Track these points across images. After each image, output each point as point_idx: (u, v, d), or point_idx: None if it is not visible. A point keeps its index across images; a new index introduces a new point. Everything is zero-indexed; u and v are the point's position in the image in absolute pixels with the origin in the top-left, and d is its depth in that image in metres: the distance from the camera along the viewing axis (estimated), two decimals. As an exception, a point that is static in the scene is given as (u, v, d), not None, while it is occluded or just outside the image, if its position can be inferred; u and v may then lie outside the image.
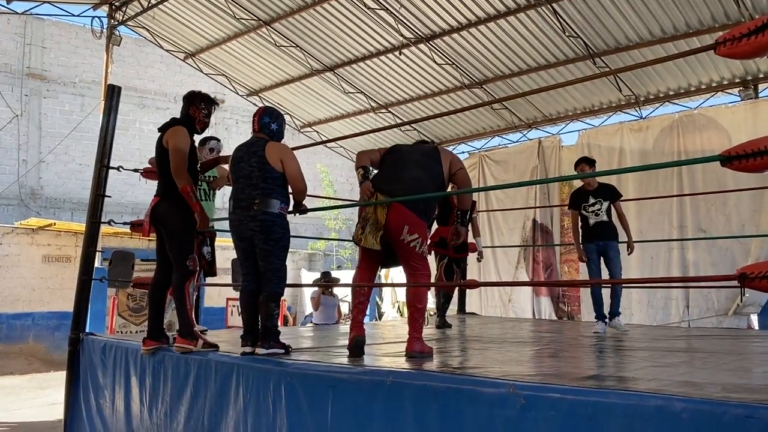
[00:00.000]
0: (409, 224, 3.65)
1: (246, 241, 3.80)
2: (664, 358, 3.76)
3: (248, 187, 3.80)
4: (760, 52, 2.46)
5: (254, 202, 3.74)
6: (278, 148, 3.87)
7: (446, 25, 9.51)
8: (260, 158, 3.80)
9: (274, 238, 3.76)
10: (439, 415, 2.67)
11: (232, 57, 11.85)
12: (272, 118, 4.02)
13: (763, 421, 1.95)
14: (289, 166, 3.84)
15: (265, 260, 3.76)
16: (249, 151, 3.87)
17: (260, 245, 3.75)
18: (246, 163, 3.84)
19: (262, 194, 3.75)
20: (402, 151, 4.02)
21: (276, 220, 3.76)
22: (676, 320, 9.37)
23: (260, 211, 3.73)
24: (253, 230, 3.74)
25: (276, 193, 3.79)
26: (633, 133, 9.93)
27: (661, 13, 8.21)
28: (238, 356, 3.71)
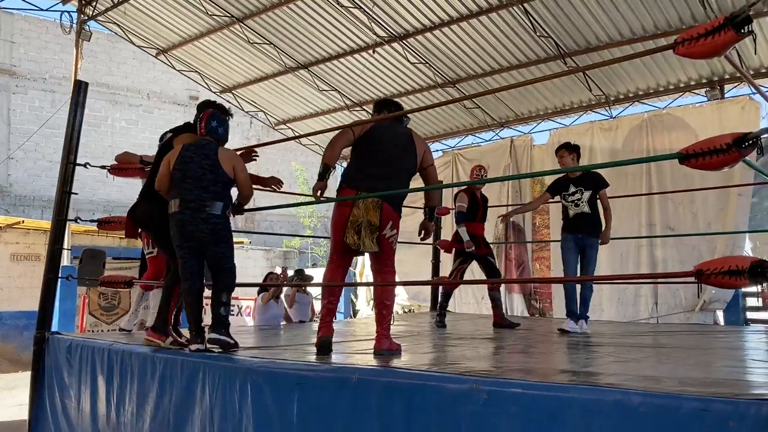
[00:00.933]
0: (392, 220, 3.74)
1: (194, 242, 3.85)
2: (628, 353, 3.82)
3: (198, 188, 3.85)
4: (717, 52, 2.51)
5: (206, 204, 3.83)
6: (231, 155, 4.02)
7: (419, 24, 9.53)
8: (213, 161, 3.90)
9: (224, 240, 3.90)
10: (403, 412, 2.68)
11: (205, 54, 11.73)
12: (219, 122, 4.08)
13: (717, 414, 1.99)
14: (241, 175, 3.99)
15: (219, 263, 3.89)
16: (200, 153, 3.92)
17: (212, 248, 3.86)
18: (196, 165, 3.89)
19: (213, 198, 3.85)
20: (383, 140, 3.92)
21: (224, 224, 3.91)
22: (645, 317, 9.53)
23: (213, 215, 3.84)
24: (204, 233, 3.82)
25: (224, 196, 3.92)
26: (603, 133, 10.06)
27: (630, 15, 8.34)
28: (204, 355, 3.69)
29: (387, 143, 3.89)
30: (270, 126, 13.81)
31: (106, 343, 4.45)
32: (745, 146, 2.40)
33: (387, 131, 3.97)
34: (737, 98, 9.14)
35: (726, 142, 2.43)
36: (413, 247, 10.98)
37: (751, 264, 2.23)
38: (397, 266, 10.11)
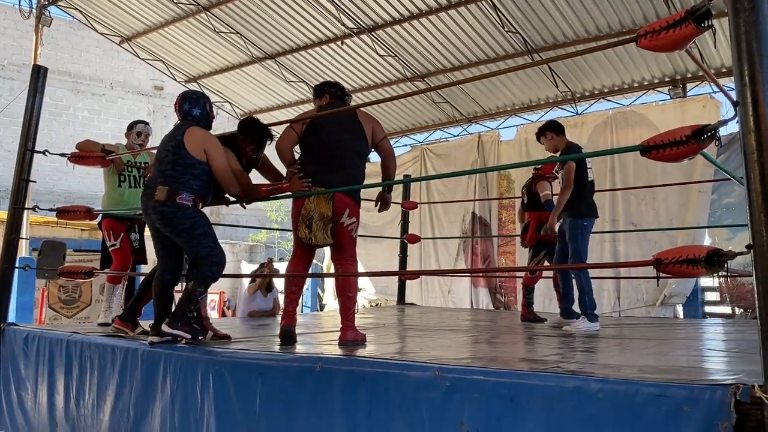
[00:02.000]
0: (349, 208, 3.71)
1: (157, 231, 3.65)
2: (589, 343, 3.88)
3: (157, 172, 3.63)
4: (678, 45, 2.54)
5: (155, 191, 3.54)
6: (201, 135, 3.65)
7: (388, 17, 9.51)
8: (178, 142, 3.59)
9: (182, 229, 3.54)
10: (366, 400, 2.67)
11: (170, 42, 11.54)
12: (191, 103, 3.80)
13: (672, 399, 2.03)
14: (215, 159, 3.60)
15: (188, 251, 3.64)
16: (170, 135, 3.72)
17: (175, 238, 3.59)
18: (163, 146, 3.69)
19: (164, 183, 3.54)
20: (323, 129, 3.85)
21: (177, 212, 3.53)
22: (608, 310, 9.70)
23: (159, 203, 3.53)
24: (156, 223, 3.59)
25: (181, 182, 3.54)
26: (569, 129, 10.04)
27: (596, 12, 8.45)
28: (167, 346, 3.63)
29: (328, 131, 3.83)
30: (236, 117, 13.65)
31: (65, 334, 4.35)
32: (703, 138, 2.45)
33: (327, 119, 3.88)
34: (699, 97, 9.34)
35: (685, 134, 2.47)
36: (381, 241, 11.03)
37: (707, 253, 2.27)
38: (365, 260, 10.26)
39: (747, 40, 2.04)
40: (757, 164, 1.97)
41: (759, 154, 1.97)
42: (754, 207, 1.95)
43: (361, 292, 13.31)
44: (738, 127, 2.11)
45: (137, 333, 4.13)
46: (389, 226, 11.34)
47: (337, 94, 4.09)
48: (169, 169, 3.58)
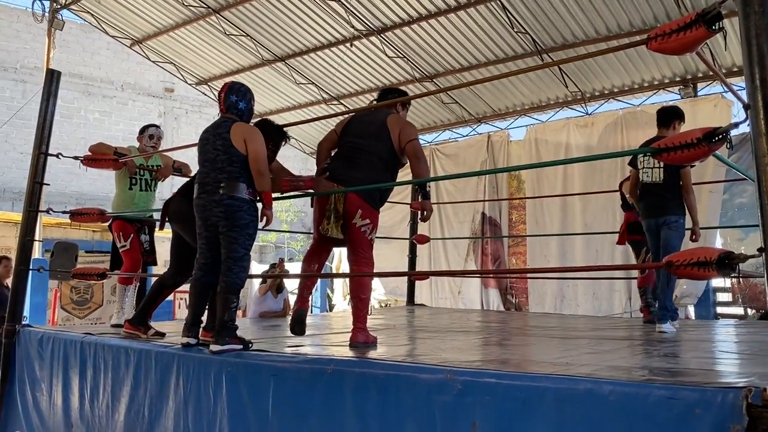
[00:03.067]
0: (361, 209, 3.74)
1: (210, 229, 3.60)
2: (600, 345, 3.88)
3: (214, 171, 3.60)
4: (689, 48, 2.55)
5: (220, 185, 3.55)
6: (243, 128, 3.67)
7: (397, 18, 9.53)
8: (225, 140, 3.61)
9: (240, 224, 3.54)
10: (378, 402, 2.69)
11: (181, 45, 11.61)
12: (239, 96, 3.80)
13: (683, 402, 2.04)
14: (252, 146, 3.60)
15: (228, 248, 3.54)
16: (215, 133, 3.69)
17: (225, 232, 3.54)
18: (211, 146, 3.66)
19: (228, 178, 3.55)
20: (350, 132, 3.99)
21: (243, 206, 3.55)
22: (620, 311, 9.67)
23: (226, 195, 3.52)
24: (218, 216, 3.54)
25: (243, 177, 3.59)
26: (579, 129, 10.16)
27: (606, 12, 8.43)
28: (179, 347, 3.66)
29: (354, 134, 3.96)
30: (247, 119, 13.71)
31: (79, 335, 4.40)
32: (714, 141, 2.45)
33: (358, 121, 4.04)
34: (710, 96, 9.29)
35: (697, 137, 2.48)
36: (391, 242, 11.04)
37: (718, 255, 2.28)
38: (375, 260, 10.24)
39: (758, 43, 2.05)
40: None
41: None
42: (765, 210, 1.96)
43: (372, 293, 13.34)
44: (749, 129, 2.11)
45: (151, 335, 4.19)
46: (399, 226, 11.36)
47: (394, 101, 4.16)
48: (228, 166, 3.58)
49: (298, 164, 19.77)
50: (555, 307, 10.19)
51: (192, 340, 3.66)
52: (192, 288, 3.75)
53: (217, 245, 3.61)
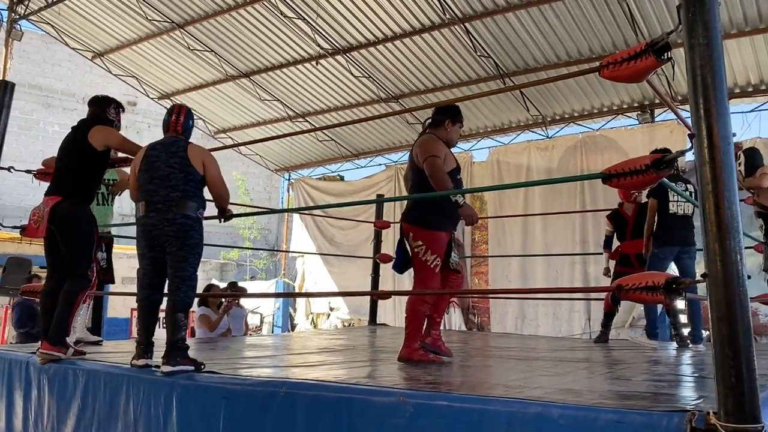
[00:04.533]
0: (412, 231, 3.92)
1: (158, 249, 3.53)
2: (556, 367, 3.90)
3: (165, 188, 3.53)
4: (639, 76, 2.61)
5: (173, 204, 3.50)
6: (200, 150, 3.70)
7: (363, 38, 9.60)
8: (182, 159, 3.58)
9: (190, 243, 3.52)
10: (331, 425, 2.65)
11: (144, 59, 11.48)
12: (193, 121, 3.92)
13: (632, 426, 2.05)
14: (212, 170, 3.67)
15: (176, 267, 3.49)
16: (168, 151, 3.63)
17: (175, 251, 3.48)
18: (164, 163, 3.59)
19: (182, 197, 3.52)
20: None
21: (195, 225, 3.55)
22: (579, 332, 9.79)
23: (180, 214, 3.49)
24: (169, 235, 3.48)
25: (196, 196, 3.60)
26: (539, 152, 10.35)
27: (567, 38, 8.63)
28: (129, 368, 3.56)
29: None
30: (209, 134, 13.59)
31: (24, 355, 4.25)
32: (662, 168, 2.51)
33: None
34: (666, 122, 9.57)
35: (645, 164, 2.54)
36: (355, 261, 11.01)
37: (666, 280, 2.32)
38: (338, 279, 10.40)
39: (702, 74, 2.10)
40: (712, 195, 2.02)
41: (714, 185, 2.02)
42: (709, 237, 2.00)
43: (335, 312, 13.26)
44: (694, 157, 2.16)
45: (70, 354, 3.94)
46: (363, 245, 11.35)
47: (433, 120, 4.23)
48: (183, 184, 3.55)
49: (263, 180, 19.66)
50: (516, 327, 10.28)
51: (150, 362, 3.54)
52: (142, 309, 3.66)
53: (162, 264, 3.54)
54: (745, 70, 8.68)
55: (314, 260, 13.47)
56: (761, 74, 8.72)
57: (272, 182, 19.61)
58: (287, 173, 14.58)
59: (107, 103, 4.41)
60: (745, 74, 8.76)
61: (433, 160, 3.82)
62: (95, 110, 4.37)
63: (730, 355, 1.91)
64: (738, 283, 1.94)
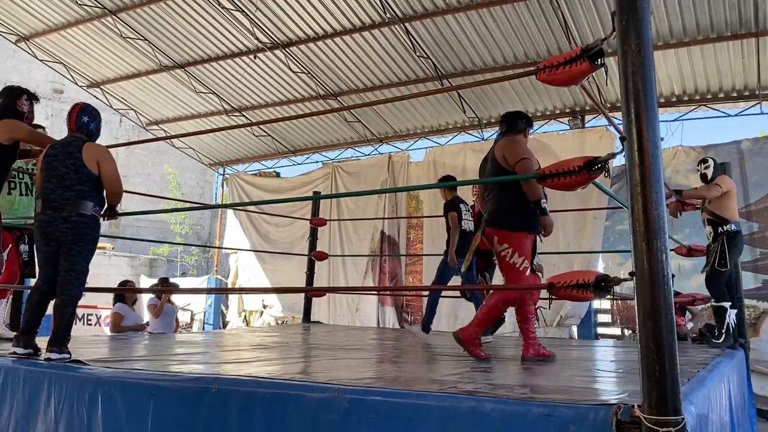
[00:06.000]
0: (497, 236, 4.04)
1: (52, 244, 3.64)
2: (487, 364, 3.98)
3: (61, 188, 3.66)
4: (574, 80, 2.69)
5: (68, 203, 3.62)
6: (95, 149, 3.78)
7: (303, 34, 9.52)
8: (77, 160, 3.69)
9: (86, 239, 3.67)
10: (263, 422, 2.61)
11: (73, 45, 11.00)
12: (91, 117, 3.90)
13: (561, 419, 2.11)
14: (106, 168, 3.75)
15: (70, 261, 3.61)
16: (65, 152, 3.73)
17: (70, 245, 3.61)
18: (60, 163, 3.70)
19: (76, 196, 3.64)
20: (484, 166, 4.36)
21: (90, 223, 3.68)
22: (510, 331, 10.01)
23: (74, 213, 3.62)
24: (64, 232, 3.60)
25: (91, 195, 3.71)
26: (474, 153, 10.52)
27: (504, 43, 8.82)
28: (50, 364, 3.41)
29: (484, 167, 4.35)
30: (141, 126, 13.18)
31: (-64, 352, 4.00)
32: (594, 169, 2.60)
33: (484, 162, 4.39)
34: (596, 128, 9.92)
35: (578, 165, 2.62)
36: (290, 258, 10.90)
37: (595, 278, 2.40)
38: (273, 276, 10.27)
39: (633, 80, 2.18)
40: (641, 196, 2.10)
41: (642, 187, 2.10)
42: (637, 236, 2.07)
43: (268, 309, 13.09)
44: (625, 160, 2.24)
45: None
46: (299, 242, 11.25)
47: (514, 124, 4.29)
48: (77, 185, 3.66)
49: (196, 175, 19.21)
50: (449, 326, 10.39)
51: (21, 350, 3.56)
52: (31, 296, 3.76)
53: (56, 259, 3.67)
54: (670, 81, 9.10)
55: (248, 257, 13.27)
56: (684, 85, 9.16)
57: (206, 177, 19.21)
58: (221, 168, 14.30)
59: (18, 94, 4.35)
60: (670, 85, 9.18)
61: (527, 163, 3.94)
62: (5, 101, 4.29)
63: (654, 350, 1.99)
64: (663, 282, 2.03)
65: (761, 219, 8.84)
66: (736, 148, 9.04)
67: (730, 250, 5.38)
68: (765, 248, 8.78)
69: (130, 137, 17.91)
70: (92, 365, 3.37)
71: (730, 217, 5.47)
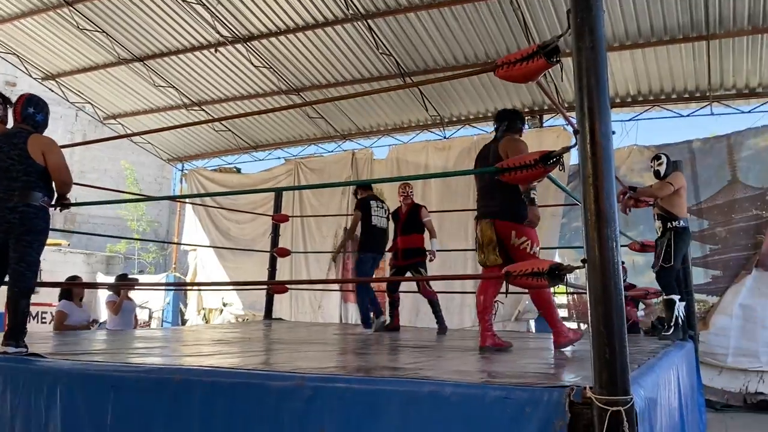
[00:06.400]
0: (514, 230, 4.15)
1: (1, 235, 3.63)
2: (448, 353, 4.07)
3: (6, 179, 3.66)
4: (531, 76, 2.77)
5: (14, 194, 3.61)
6: (40, 140, 3.77)
7: (264, 28, 9.48)
8: (22, 151, 3.68)
9: (36, 230, 3.66)
10: (225, 412, 2.63)
11: (27, 36, 10.71)
12: (37, 108, 3.88)
13: (515, 401, 2.19)
14: (52, 158, 3.75)
15: (21, 252, 3.59)
16: (10, 143, 3.71)
17: (19, 236, 3.60)
18: (5, 155, 3.69)
19: (23, 187, 3.65)
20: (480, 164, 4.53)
21: (39, 213, 3.68)
22: (470, 325, 10.16)
23: (21, 203, 3.62)
24: (12, 222, 3.59)
25: (38, 186, 3.71)
26: (437, 152, 10.65)
27: (465, 42, 8.94)
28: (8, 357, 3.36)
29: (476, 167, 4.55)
30: (98, 120, 12.93)
31: None
32: (550, 162, 2.69)
33: (480, 158, 4.51)
34: (554, 128, 10.14)
35: (534, 158, 2.71)
36: (252, 255, 10.85)
37: (549, 266, 2.49)
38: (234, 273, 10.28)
39: (587, 76, 2.27)
40: (592, 187, 2.19)
41: (594, 178, 2.19)
42: (588, 225, 2.16)
43: (228, 307, 12.99)
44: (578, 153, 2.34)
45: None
46: (261, 239, 11.21)
47: (513, 123, 4.51)
48: (23, 176, 3.66)
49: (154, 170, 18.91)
50: (410, 321, 10.50)
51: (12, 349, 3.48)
52: None
53: (5, 251, 3.66)
54: (625, 82, 9.35)
55: (207, 254, 13.14)
56: (639, 85, 9.43)
57: (164, 173, 18.93)
58: (180, 164, 14.12)
59: None
60: (625, 85, 9.44)
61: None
62: None
63: (604, 333, 2.08)
64: (613, 268, 2.12)
65: (711, 216, 9.16)
66: (687, 147, 9.35)
67: (676, 245, 5.57)
68: (714, 245, 9.11)
69: (86, 131, 17.58)
70: (50, 358, 3.34)
71: (679, 213, 5.66)
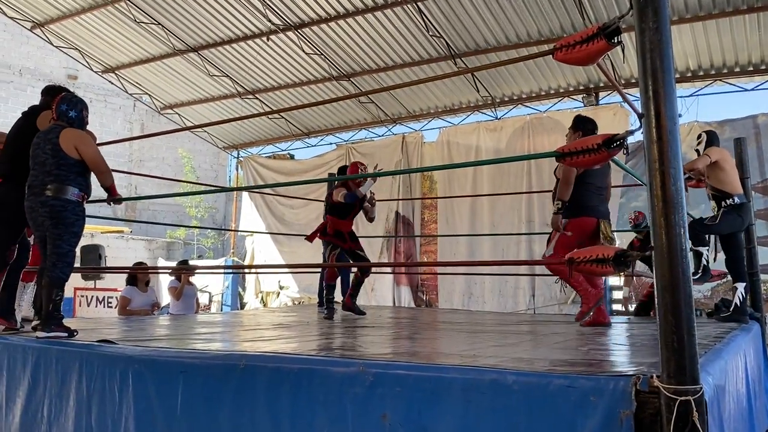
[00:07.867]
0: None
1: (39, 228, 3.84)
2: (505, 339, 4.05)
3: (42, 174, 3.84)
4: (591, 59, 2.71)
5: (46, 188, 3.79)
6: (73, 134, 3.92)
7: (315, 15, 9.51)
8: (54, 145, 3.85)
9: (66, 222, 3.81)
10: (290, 397, 2.69)
11: (87, 30, 11.06)
12: (69, 105, 4.03)
13: (580, 390, 2.17)
14: (85, 151, 3.90)
15: (53, 244, 3.79)
16: (46, 138, 3.91)
17: (51, 229, 3.79)
18: (41, 150, 3.88)
19: (55, 181, 3.80)
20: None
21: (68, 206, 3.82)
22: (524, 308, 10.09)
23: (51, 197, 3.78)
24: (43, 216, 3.78)
25: (71, 180, 3.85)
26: (488, 133, 10.53)
27: (517, 20, 8.77)
28: (84, 344, 3.53)
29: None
30: (155, 110, 13.27)
31: (-31, 333, 4.13)
32: (613, 146, 2.63)
33: None
34: (610, 105, 9.87)
35: (597, 143, 2.65)
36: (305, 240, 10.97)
37: (615, 253, 2.44)
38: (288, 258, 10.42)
39: (651, 57, 2.20)
40: (658, 172, 2.13)
41: (660, 163, 2.13)
42: (656, 212, 2.11)
43: (284, 291, 13.24)
44: (643, 136, 2.28)
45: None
46: (314, 223, 11.31)
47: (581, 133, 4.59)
48: (55, 169, 3.82)
49: (210, 158, 19.31)
50: (463, 304, 10.51)
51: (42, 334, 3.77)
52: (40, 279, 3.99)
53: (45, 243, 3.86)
54: (685, 56, 9.02)
55: (264, 239, 13.39)
56: (700, 60, 9.08)
57: (219, 160, 19.29)
58: (236, 151, 14.38)
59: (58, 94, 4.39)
60: (685, 60, 9.10)
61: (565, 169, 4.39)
62: (47, 100, 4.39)
63: (672, 322, 2.04)
64: (681, 255, 2.07)
65: (778, 194, 8.80)
66: (752, 122, 8.97)
67: (727, 219, 5.39)
68: (781, 223, 8.75)
69: (144, 121, 18.04)
70: (121, 345, 3.48)
71: (731, 190, 5.44)
